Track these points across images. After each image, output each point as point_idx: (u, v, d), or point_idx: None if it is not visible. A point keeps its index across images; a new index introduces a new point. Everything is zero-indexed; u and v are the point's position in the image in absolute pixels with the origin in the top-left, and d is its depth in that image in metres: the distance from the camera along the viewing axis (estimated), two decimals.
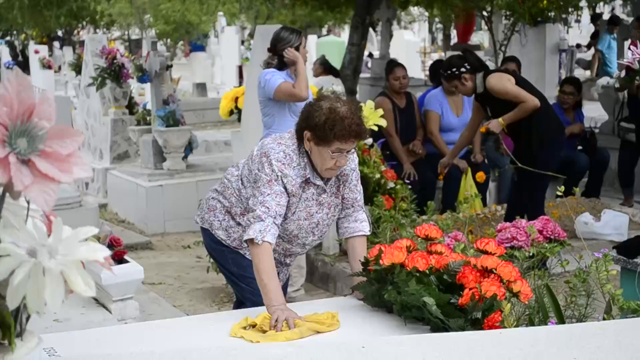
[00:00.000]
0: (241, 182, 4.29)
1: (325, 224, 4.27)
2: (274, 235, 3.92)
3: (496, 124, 6.84)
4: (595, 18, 22.73)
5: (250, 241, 3.89)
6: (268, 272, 3.84)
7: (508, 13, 12.05)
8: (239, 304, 4.57)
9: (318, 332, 3.57)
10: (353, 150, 4.12)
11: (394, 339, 2.51)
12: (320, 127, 3.95)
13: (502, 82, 6.83)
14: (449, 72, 7.05)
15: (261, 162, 4.02)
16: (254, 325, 3.68)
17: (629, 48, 5.18)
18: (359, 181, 4.37)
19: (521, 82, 6.97)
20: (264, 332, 3.60)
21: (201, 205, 4.56)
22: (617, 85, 5.41)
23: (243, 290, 4.40)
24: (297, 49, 6.47)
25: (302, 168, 4.05)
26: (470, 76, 6.94)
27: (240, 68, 21.30)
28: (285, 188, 4.00)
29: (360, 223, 4.35)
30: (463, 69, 6.95)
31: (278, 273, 4.22)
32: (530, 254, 4.42)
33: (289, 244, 4.29)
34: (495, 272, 3.58)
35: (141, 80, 10.46)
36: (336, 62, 16.32)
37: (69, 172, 1.56)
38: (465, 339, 2.45)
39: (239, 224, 4.31)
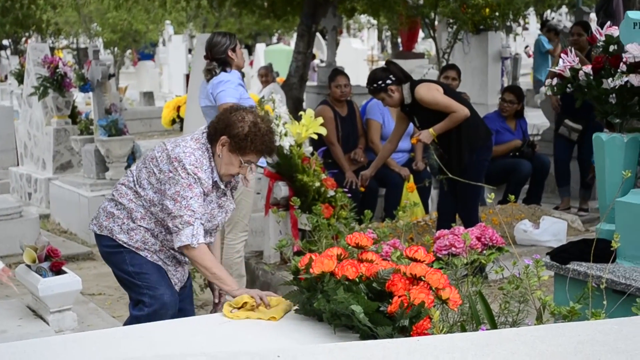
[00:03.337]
0: (138, 185, 4.45)
1: (221, 226, 4.64)
2: (203, 235, 4.27)
3: (427, 135, 6.85)
4: (544, 25, 23.00)
5: (186, 247, 4.22)
6: (215, 265, 4.30)
7: (451, 21, 12.14)
8: (134, 305, 4.66)
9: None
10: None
11: (308, 348, 2.51)
12: (241, 138, 4.27)
13: (432, 93, 6.85)
14: (374, 85, 7.02)
15: (174, 166, 4.26)
16: (239, 307, 3.94)
17: (560, 56, 5.25)
18: None
19: (448, 92, 7.00)
20: (252, 309, 3.91)
21: (97, 215, 4.65)
22: (549, 92, 5.46)
23: (140, 287, 4.55)
24: (234, 50, 6.54)
25: (210, 172, 4.34)
26: (397, 87, 6.93)
27: (187, 77, 21.22)
28: (202, 189, 4.29)
29: None
30: (389, 81, 6.94)
31: (177, 273, 4.62)
32: (467, 261, 4.44)
33: None
34: (424, 279, 3.59)
35: (83, 89, 10.37)
36: (284, 70, 16.36)
37: None
38: (381, 346, 2.46)
39: (140, 226, 4.48)
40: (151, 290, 4.45)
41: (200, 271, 4.40)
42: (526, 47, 29.74)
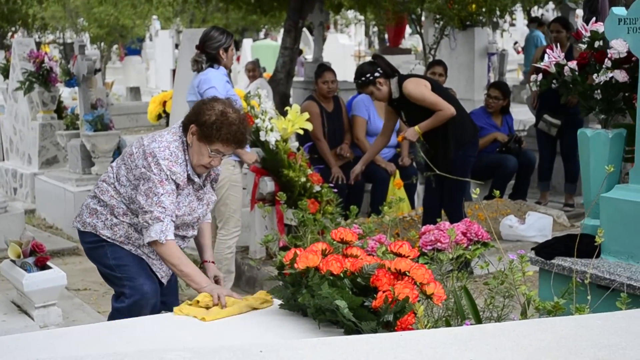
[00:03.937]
0: (118, 182, 4.47)
1: (203, 219, 4.60)
2: (172, 231, 4.26)
3: (413, 132, 6.85)
4: (531, 22, 23.05)
5: (154, 243, 4.21)
6: (182, 262, 4.24)
7: (438, 17, 12.15)
8: (116, 298, 4.69)
9: (255, 309, 3.95)
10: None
11: (291, 343, 2.51)
12: (208, 125, 4.23)
13: (420, 89, 6.84)
14: (362, 79, 7.00)
15: (147, 162, 4.25)
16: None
17: (545, 52, 5.25)
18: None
19: (436, 88, 6.99)
20: (207, 308, 3.91)
21: (80, 212, 4.67)
22: (534, 88, 5.48)
23: (120, 279, 4.58)
24: (226, 50, 6.52)
25: (185, 164, 4.33)
26: (385, 81, 6.93)
27: (174, 72, 21.17)
28: (175, 185, 4.27)
29: (207, 215, 4.72)
30: (377, 74, 6.93)
31: (162, 266, 4.61)
32: (452, 257, 4.44)
33: None
34: (408, 274, 3.59)
35: (69, 84, 10.33)
36: (271, 66, 16.35)
37: None
38: (364, 341, 2.46)
39: (122, 221, 4.49)
40: (130, 281, 4.48)
41: (169, 267, 4.39)
42: (515, 43, 29.76)
